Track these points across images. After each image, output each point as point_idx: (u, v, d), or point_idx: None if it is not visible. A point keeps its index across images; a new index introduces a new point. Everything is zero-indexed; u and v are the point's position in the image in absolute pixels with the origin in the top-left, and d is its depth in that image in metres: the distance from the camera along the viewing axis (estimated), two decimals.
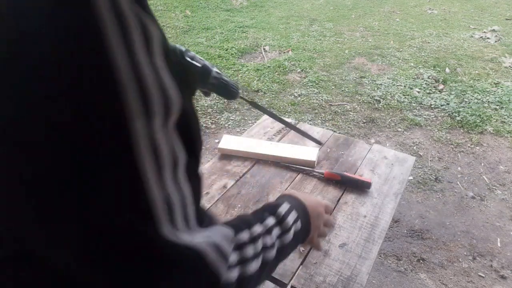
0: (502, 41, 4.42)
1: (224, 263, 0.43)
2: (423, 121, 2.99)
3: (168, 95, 0.36)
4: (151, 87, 0.34)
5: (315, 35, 4.61)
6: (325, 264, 0.93)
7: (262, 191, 1.16)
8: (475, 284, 1.81)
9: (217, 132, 2.87)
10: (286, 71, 3.72)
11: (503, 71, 3.74)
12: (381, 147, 1.38)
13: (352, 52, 4.12)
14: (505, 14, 5.31)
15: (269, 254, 0.55)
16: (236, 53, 4.07)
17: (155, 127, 0.35)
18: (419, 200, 2.29)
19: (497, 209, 2.22)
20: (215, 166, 1.27)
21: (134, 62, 0.33)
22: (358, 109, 3.15)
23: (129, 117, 0.32)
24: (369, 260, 0.95)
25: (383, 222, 1.06)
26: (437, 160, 2.61)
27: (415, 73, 3.68)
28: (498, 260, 1.92)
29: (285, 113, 3.09)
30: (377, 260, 1.90)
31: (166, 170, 0.37)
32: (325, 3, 5.84)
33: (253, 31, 4.69)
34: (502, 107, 3.14)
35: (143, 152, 0.34)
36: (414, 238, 2.04)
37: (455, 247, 2.00)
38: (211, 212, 0.51)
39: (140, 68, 0.33)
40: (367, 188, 1.17)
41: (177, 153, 0.39)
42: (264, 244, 0.54)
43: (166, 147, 0.37)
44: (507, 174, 2.49)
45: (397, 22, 5.08)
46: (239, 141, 1.34)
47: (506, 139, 2.80)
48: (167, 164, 0.37)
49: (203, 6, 5.58)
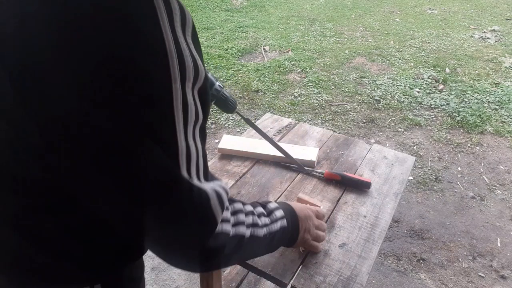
0: (502, 41, 4.42)
1: (221, 211, 0.52)
2: (423, 121, 2.99)
3: (198, 65, 0.45)
4: (186, 58, 0.43)
5: (315, 35, 4.61)
6: (325, 264, 0.93)
7: (262, 191, 1.16)
8: (475, 284, 1.81)
9: (217, 132, 2.87)
10: (286, 71, 3.72)
11: (503, 71, 3.74)
12: (381, 147, 1.38)
13: (352, 52, 4.12)
14: (505, 14, 5.31)
15: (259, 231, 0.63)
16: (236, 53, 4.07)
17: (187, 89, 0.44)
18: (419, 200, 2.29)
19: (497, 209, 2.22)
20: (215, 166, 1.27)
21: (175, 37, 0.42)
22: (358, 109, 3.15)
23: (171, 79, 0.41)
24: (369, 260, 0.95)
25: (383, 222, 1.06)
26: (437, 160, 2.61)
27: (415, 73, 3.68)
28: (498, 260, 1.92)
29: (285, 113, 3.09)
30: (377, 260, 1.90)
31: (190, 125, 0.46)
32: (325, 3, 5.84)
33: (253, 31, 4.69)
34: (502, 107, 3.14)
35: (177, 106, 0.43)
36: (414, 238, 2.04)
37: (455, 247, 2.00)
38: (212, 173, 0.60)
39: (179, 42, 0.42)
40: (367, 188, 1.17)
41: (198, 113, 0.47)
42: (254, 221, 0.63)
43: (193, 106, 0.46)
44: (507, 174, 2.49)
45: (397, 22, 5.08)
46: (239, 141, 1.34)
47: (506, 139, 2.80)
48: (191, 120, 0.46)
49: (203, 6, 5.58)
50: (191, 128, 0.46)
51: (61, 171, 0.45)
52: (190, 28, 0.45)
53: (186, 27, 0.44)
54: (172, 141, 0.44)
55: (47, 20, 0.37)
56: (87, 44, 0.38)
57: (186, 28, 0.44)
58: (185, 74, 0.43)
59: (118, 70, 0.39)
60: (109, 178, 0.44)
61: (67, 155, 0.43)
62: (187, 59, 0.43)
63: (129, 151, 0.42)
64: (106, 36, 0.38)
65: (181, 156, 0.45)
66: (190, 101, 0.45)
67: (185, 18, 0.44)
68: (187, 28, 0.44)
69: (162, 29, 0.40)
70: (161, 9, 0.40)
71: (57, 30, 0.38)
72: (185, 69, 0.43)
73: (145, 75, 0.40)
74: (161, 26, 0.40)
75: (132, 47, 0.39)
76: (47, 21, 0.37)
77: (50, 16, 0.38)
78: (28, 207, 0.48)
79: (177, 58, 0.41)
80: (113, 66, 0.39)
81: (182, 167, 0.46)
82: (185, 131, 0.45)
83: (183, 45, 0.42)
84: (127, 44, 0.39)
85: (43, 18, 0.38)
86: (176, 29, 0.42)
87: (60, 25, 0.37)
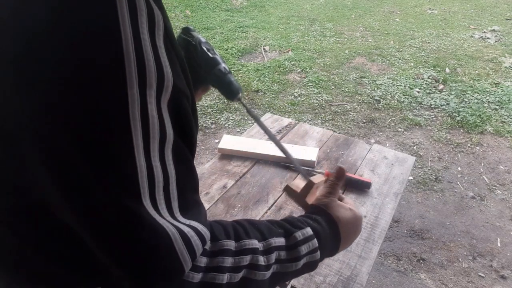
0: (502, 41, 4.42)
1: (188, 259, 0.43)
2: (423, 121, 2.99)
3: (164, 72, 0.40)
4: (148, 61, 0.38)
5: (315, 35, 4.61)
6: (325, 264, 0.93)
7: (262, 191, 1.16)
8: (475, 284, 1.81)
9: (217, 132, 2.87)
10: (286, 71, 3.72)
11: (503, 71, 3.74)
12: (381, 147, 1.38)
13: (352, 52, 4.12)
14: (505, 14, 5.31)
15: (254, 275, 0.50)
16: (236, 53, 4.07)
17: (148, 98, 0.38)
18: (419, 200, 2.29)
19: (497, 209, 2.22)
20: (215, 166, 1.27)
21: (137, 38, 0.37)
22: (358, 109, 3.15)
23: (126, 82, 0.36)
24: (369, 260, 0.95)
25: (383, 222, 1.06)
26: (437, 160, 2.61)
27: (415, 73, 3.68)
28: (498, 260, 1.92)
29: (285, 113, 3.09)
30: (377, 260, 1.90)
31: (153, 141, 0.39)
32: (325, 3, 5.84)
33: (253, 31, 4.69)
34: (502, 107, 3.14)
35: (134, 116, 0.37)
36: (414, 238, 2.04)
37: (455, 247, 2.00)
38: (210, 221, 0.51)
39: (142, 44, 0.38)
40: (367, 188, 1.17)
41: (166, 129, 0.41)
42: (251, 262, 0.50)
43: (157, 120, 0.39)
44: (507, 174, 2.49)
45: (397, 22, 5.08)
46: (239, 141, 1.34)
47: (506, 139, 2.80)
48: (155, 136, 0.40)
49: (203, 6, 5.58)
50: (156, 147, 0.40)
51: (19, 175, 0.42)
52: (161, 31, 0.41)
53: (155, 29, 0.40)
54: (127, 158, 0.38)
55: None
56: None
57: (156, 31, 0.40)
58: (145, 80, 0.38)
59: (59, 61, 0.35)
60: (57, 190, 0.39)
61: (15, 156, 0.40)
62: (148, 64, 0.38)
63: (71, 164, 0.37)
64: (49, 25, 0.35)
65: (141, 179, 0.38)
66: (152, 113, 0.39)
67: (154, 20, 0.40)
68: (156, 31, 0.40)
69: (121, 27, 0.36)
70: (122, 6, 0.36)
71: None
72: (145, 74, 0.38)
73: (94, 73, 0.36)
74: (120, 23, 0.36)
75: (83, 42, 0.35)
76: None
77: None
78: (18, 207, 0.46)
79: (136, 61, 0.37)
80: (55, 58, 0.35)
81: (143, 193, 0.39)
82: (146, 148, 0.39)
83: (147, 48, 0.38)
84: (75, 37, 0.35)
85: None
86: (141, 30, 0.38)
87: None
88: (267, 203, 1.13)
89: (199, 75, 0.77)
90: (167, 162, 0.41)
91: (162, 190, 0.41)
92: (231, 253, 0.49)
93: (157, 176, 0.40)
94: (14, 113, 0.37)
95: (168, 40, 0.42)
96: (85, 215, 0.39)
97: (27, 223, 0.46)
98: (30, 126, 0.37)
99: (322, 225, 0.60)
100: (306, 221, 0.59)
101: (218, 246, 0.48)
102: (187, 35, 0.77)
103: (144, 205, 0.39)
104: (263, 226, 0.55)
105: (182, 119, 0.44)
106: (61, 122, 0.36)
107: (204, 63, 0.76)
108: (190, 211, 0.45)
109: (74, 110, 0.36)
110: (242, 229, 0.52)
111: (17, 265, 0.50)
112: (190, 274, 0.44)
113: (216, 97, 3.25)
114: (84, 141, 0.36)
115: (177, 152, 0.43)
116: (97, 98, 0.36)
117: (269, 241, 0.53)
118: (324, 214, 0.62)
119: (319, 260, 0.58)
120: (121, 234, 0.39)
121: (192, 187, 0.47)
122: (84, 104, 0.36)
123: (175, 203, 0.43)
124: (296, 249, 0.55)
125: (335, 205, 0.64)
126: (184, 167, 0.44)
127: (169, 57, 0.41)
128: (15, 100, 0.36)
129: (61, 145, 0.37)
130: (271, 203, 1.13)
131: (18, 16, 0.35)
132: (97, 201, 0.38)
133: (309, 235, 0.57)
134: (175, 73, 0.42)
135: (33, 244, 0.47)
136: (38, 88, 0.36)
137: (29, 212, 0.45)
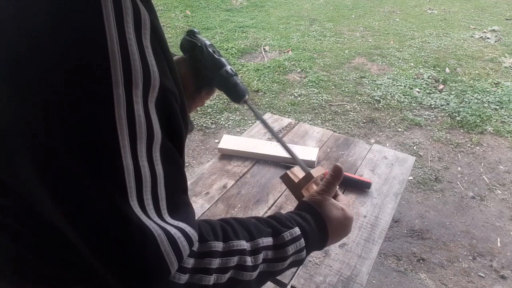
0: (502, 41, 4.41)
1: (174, 261, 0.42)
2: (423, 121, 2.99)
3: (150, 71, 0.40)
4: (134, 60, 0.38)
5: (315, 35, 4.61)
6: (325, 264, 0.93)
7: (262, 191, 1.16)
8: (475, 284, 1.81)
9: (217, 132, 2.87)
10: (286, 71, 3.72)
11: (503, 71, 3.74)
12: (381, 147, 1.38)
13: (352, 52, 4.12)
14: (505, 14, 5.31)
15: (241, 275, 0.50)
16: (236, 53, 4.07)
17: (134, 97, 0.38)
18: (419, 200, 2.29)
19: (497, 209, 2.22)
20: (215, 166, 1.27)
21: (123, 37, 0.38)
22: (358, 109, 3.15)
23: (112, 81, 0.36)
24: (369, 260, 0.95)
25: (383, 222, 1.06)
26: (437, 160, 2.61)
27: (415, 73, 3.68)
28: (498, 260, 1.92)
29: (285, 113, 3.09)
30: (377, 260, 1.90)
31: (140, 141, 0.39)
32: (325, 3, 5.84)
33: (253, 31, 4.69)
34: (502, 107, 3.14)
35: (120, 115, 0.37)
36: (414, 238, 2.04)
37: (455, 247, 2.00)
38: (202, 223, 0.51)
39: (127, 43, 0.38)
40: (367, 188, 1.17)
41: (154, 128, 0.41)
42: (238, 262, 0.50)
43: (143, 119, 0.39)
44: (507, 174, 2.49)
45: (397, 22, 5.08)
46: (239, 141, 1.34)
47: (506, 139, 2.80)
48: (142, 136, 0.39)
49: (203, 6, 5.58)
50: (144, 146, 0.40)
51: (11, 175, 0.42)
52: (148, 31, 0.41)
53: (142, 29, 0.40)
54: (114, 158, 0.38)
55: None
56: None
57: (142, 30, 0.40)
58: (131, 80, 0.38)
59: (47, 61, 0.36)
60: (44, 190, 0.39)
61: (3, 153, 0.40)
62: (134, 63, 0.38)
63: (58, 164, 0.37)
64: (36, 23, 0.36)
65: (128, 179, 0.38)
66: (138, 112, 0.39)
67: (140, 20, 0.40)
68: (143, 31, 0.40)
69: (106, 27, 0.36)
70: (107, 6, 0.37)
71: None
72: (131, 74, 0.38)
73: (79, 73, 0.36)
74: (105, 23, 0.36)
75: (67, 43, 0.36)
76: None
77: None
78: (12, 207, 0.46)
79: (121, 61, 0.37)
80: (43, 58, 0.36)
81: (130, 193, 0.39)
82: (132, 148, 0.39)
83: (133, 47, 0.38)
84: (61, 36, 0.35)
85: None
86: (126, 29, 0.38)
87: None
88: (267, 203, 1.13)
89: (206, 77, 0.77)
90: (155, 162, 0.41)
91: (150, 191, 0.41)
92: (219, 254, 0.48)
93: (145, 176, 0.40)
94: (4, 112, 0.38)
95: (156, 40, 0.42)
96: (71, 215, 0.39)
97: (23, 223, 0.46)
98: (20, 126, 0.37)
99: (311, 224, 0.60)
100: (295, 219, 0.59)
101: (206, 247, 0.48)
102: (192, 37, 0.77)
103: (131, 205, 0.39)
104: (252, 225, 0.55)
105: (170, 118, 0.43)
106: (48, 122, 0.36)
107: (211, 65, 0.76)
108: (178, 211, 0.44)
109: (61, 110, 0.36)
110: (231, 229, 0.52)
111: (15, 265, 0.49)
112: (176, 275, 0.44)
113: (216, 97, 3.25)
114: (71, 141, 0.36)
115: (165, 152, 0.42)
116: (82, 98, 0.36)
117: (257, 241, 0.53)
118: (313, 213, 0.62)
119: (304, 258, 0.59)
120: (107, 233, 0.39)
121: (181, 187, 0.47)
122: (70, 104, 0.36)
123: (163, 204, 0.42)
124: (284, 249, 0.55)
125: (327, 203, 0.64)
126: (172, 168, 0.43)
127: (156, 56, 0.41)
128: (6, 101, 0.37)
129: (49, 145, 0.37)
130: (271, 203, 1.13)
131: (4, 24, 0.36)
132: (83, 201, 0.38)
133: (297, 235, 0.57)
134: (163, 73, 0.42)
135: (30, 244, 0.47)
136: (28, 89, 0.36)
137: (24, 213, 0.45)
